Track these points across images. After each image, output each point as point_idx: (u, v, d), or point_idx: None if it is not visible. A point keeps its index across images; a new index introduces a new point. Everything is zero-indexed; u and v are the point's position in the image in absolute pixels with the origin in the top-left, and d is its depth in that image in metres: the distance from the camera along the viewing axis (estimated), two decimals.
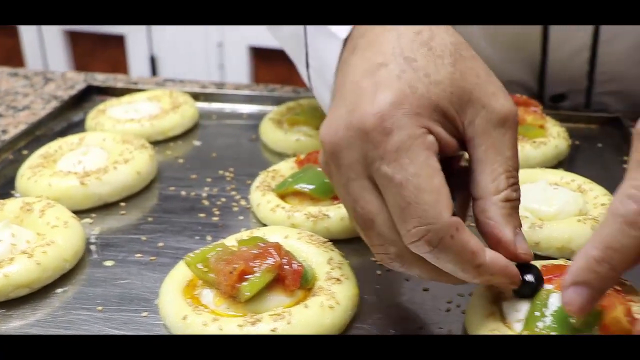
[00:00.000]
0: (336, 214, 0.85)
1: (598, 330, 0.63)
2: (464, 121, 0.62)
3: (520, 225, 0.64)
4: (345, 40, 0.71)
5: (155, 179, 1.01)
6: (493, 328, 0.66)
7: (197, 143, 1.13)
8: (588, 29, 1.16)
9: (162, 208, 0.93)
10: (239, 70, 2.84)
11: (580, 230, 0.82)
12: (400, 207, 0.58)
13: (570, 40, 1.19)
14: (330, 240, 0.81)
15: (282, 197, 0.91)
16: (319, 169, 0.90)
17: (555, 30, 1.17)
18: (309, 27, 0.81)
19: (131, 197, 0.96)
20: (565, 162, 1.07)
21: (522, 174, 0.93)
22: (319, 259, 0.75)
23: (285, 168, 0.97)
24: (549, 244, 0.82)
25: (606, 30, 1.16)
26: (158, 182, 1.00)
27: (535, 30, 1.18)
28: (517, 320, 0.67)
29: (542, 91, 1.28)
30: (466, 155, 0.65)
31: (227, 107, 1.27)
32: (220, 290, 0.69)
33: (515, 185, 0.63)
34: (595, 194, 0.90)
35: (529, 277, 0.66)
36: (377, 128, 0.58)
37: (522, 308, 0.68)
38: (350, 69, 0.64)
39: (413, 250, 0.59)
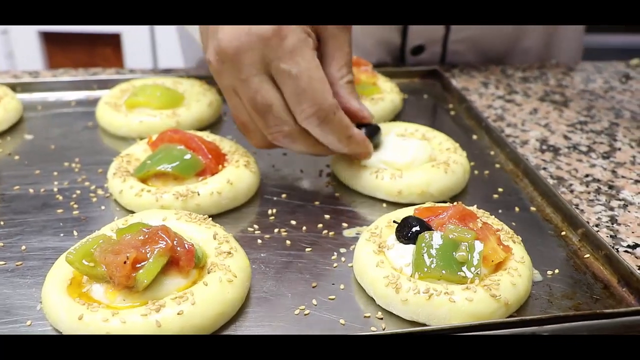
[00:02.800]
0: (205, 190, 0.84)
1: (479, 259, 0.70)
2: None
3: (359, 97, 0.88)
4: None
5: None
6: (387, 274, 0.70)
7: (28, 137, 1.05)
8: None
9: (12, 209, 0.86)
10: (31, 58, 2.64)
11: (436, 175, 0.88)
12: (296, 93, 0.77)
13: None
14: None
15: (144, 180, 0.88)
16: (178, 147, 0.89)
17: None
18: None
19: None
20: (401, 115, 1.14)
21: None
22: (203, 236, 0.74)
23: (139, 151, 0.94)
24: (410, 191, 0.88)
25: None
26: None
27: None
28: (406, 265, 0.72)
29: (404, 44, 1.34)
30: None
31: (50, 96, 1.19)
32: (113, 283, 0.66)
33: (351, 71, 0.85)
34: (439, 141, 0.97)
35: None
36: (275, 35, 0.75)
37: (407, 253, 0.73)
38: None
39: (305, 125, 0.80)
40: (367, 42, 1.33)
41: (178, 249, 0.68)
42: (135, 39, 2.63)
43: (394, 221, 0.77)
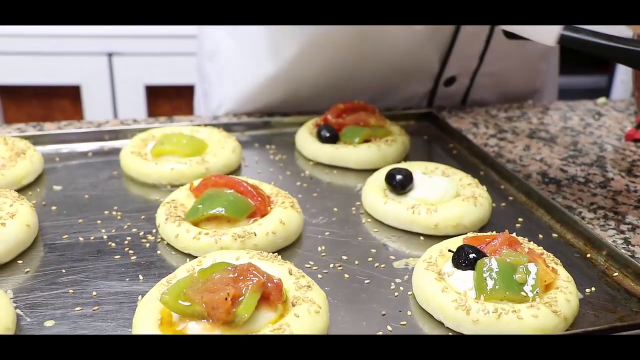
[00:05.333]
0: (261, 230, 0.89)
1: (536, 280, 0.77)
2: None
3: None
4: None
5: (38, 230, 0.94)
6: (454, 298, 0.76)
7: (57, 187, 1.07)
8: None
9: (69, 258, 0.88)
10: None
11: (468, 208, 0.96)
12: None
13: None
14: None
15: (196, 224, 0.92)
16: (227, 191, 0.93)
17: None
18: None
19: (24, 254, 0.89)
20: (409, 156, 1.22)
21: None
22: (279, 272, 0.79)
23: (182, 197, 0.98)
24: (446, 224, 0.95)
25: None
26: (42, 234, 0.94)
27: None
28: (469, 289, 0.78)
29: (441, 74, 1.42)
30: None
31: (63, 147, 1.21)
32: (213, 319, 0.69)
33: None
34: (459, 177, 1.05)
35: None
36: None
37: (467, 278, 0.79)
38: None
39: None
40: (409, 67, 1.39)
41: (268, 284, 0.72)
42: (94, 90, 2.64)
43: (450, 250, 0.83)
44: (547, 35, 0.85)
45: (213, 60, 1.46)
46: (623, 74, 2.89)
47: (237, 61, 1.40)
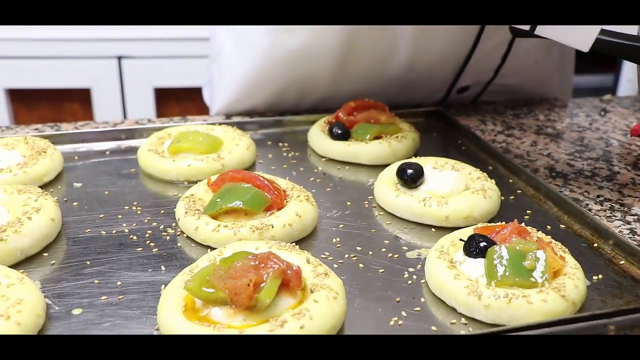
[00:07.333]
0: (278, 222, 0.92)
1: (545, 266, 0.80)
2: None
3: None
4: None
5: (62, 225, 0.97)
6: (466, 284, 0.79)
7: (77, 185, 1.10)
8: None
9: (92, 250, 0.91)
10: None
11: (477, 201, 0.99)
12: None
13: (498, 32, 1.35)
14: None
15: (214, 217, 0.95)
16: (245, 185, 0.96)
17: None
18: None
19: (49, 247, 0.92)
20: (419, 152, 1.25)
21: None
22: (297, 261, 0.82)
23: (200, 192, 1.01)
24: (457, 216, 0.98)
25: None
26: (65, 228, 0.97)
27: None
28: (481, 276, 0.81)
29: (454, 84, 1.45)
30: None
31: (82, 146, 1.25)
32: (235, 305, 0.72)
33: None
34: (468, 171, 1.08)
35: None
36: None
37: (479, 265, 0.82)
38: None
39: None
40: (423, 80, 1.42)
41: (288, 271, 0.75)
42: (105, 93, 2.67)
43: (461, 239, 0.86)
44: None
45: (216, 62, 1.49)
46: (629, 72, 2.91)
47: (236, 63, 1.42)
